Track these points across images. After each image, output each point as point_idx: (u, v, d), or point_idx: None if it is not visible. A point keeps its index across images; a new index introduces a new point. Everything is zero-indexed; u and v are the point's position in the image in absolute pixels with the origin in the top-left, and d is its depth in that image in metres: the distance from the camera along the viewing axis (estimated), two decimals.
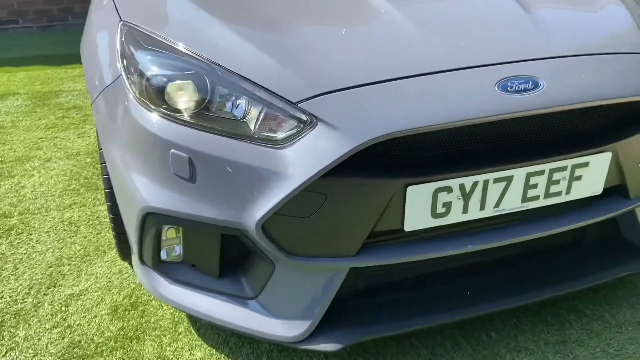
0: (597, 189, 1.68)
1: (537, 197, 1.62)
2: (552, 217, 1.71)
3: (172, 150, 1.53)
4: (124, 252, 2.02)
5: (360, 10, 1.77)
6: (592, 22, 1.85)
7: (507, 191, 1.57)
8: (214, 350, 1.82)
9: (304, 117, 1.45)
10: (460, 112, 1.45)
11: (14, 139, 3.48)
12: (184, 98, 1.53)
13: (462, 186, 1.52)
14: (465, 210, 1.56)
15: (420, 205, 1.51)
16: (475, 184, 1.53)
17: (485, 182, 1.54)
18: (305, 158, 1.43)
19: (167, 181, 1.57)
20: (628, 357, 1.76)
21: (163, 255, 1.73)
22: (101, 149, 1.89)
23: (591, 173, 1.64)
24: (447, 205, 1.54)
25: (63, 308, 2.03)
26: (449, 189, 1.51)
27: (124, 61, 1.67)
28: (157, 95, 1.56)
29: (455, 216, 1.56)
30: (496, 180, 1.55)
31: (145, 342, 1.86)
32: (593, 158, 1.62)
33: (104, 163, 1.87)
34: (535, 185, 1.60)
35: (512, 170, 1.55)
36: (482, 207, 1.57)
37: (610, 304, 1.97)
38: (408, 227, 1.53)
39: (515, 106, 1.48)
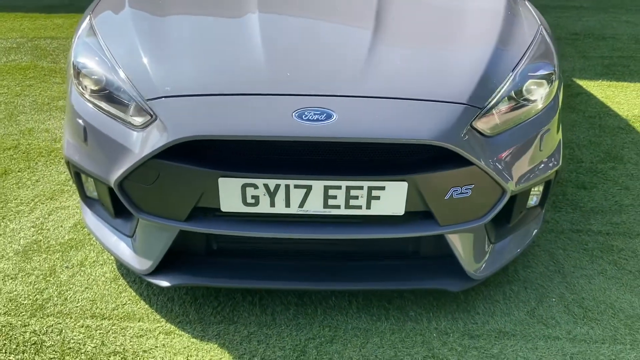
0: (398, 210, 1.98)
1: (338, 206, 1.97)
2: (360, 226, 2.04)
3: (77, 119, 2.12)
4: None
5: (236, 27, 2.22)
6: (428, 69, 2.10)
7: (308, 196, 1.95)
8: (116, 269, 2.44)
9: (151, 112, 1.95)
10: (256, 130, 1.87)
11: None
12: (89, 82, 2.10)
13: (266, 185, 1.93)
14: (272, 205, 1.97)
15: (232, 194, 1.95)
16: (277, 186, 1.93)
17: (287, 186, 1.93)
18: (145, 143, 1.94)
19: (75, 139, 2.17)
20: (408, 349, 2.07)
21: (88, 193, 2.35)
22: None
23: (389, 196, 1.94)
24: (256, 198, 1.96)
25: (46, 215, 2.76)
26: (255, 186, 1.93)
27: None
28: (76, 75, 2.15)
29: (264, 208, 1.98)
30: (297, 187, 1.93)
31: (79, 252, 2.53)
32: (389, 184, 1.92)
33: None
34: (334, 197, 1.95)
35: (311, 181, 1.92)
36: (288, 205, 1.97)
37: (437, 313, 2.24)
38: (224, 208, 1.98)
39: (304, 131, 1.85)
